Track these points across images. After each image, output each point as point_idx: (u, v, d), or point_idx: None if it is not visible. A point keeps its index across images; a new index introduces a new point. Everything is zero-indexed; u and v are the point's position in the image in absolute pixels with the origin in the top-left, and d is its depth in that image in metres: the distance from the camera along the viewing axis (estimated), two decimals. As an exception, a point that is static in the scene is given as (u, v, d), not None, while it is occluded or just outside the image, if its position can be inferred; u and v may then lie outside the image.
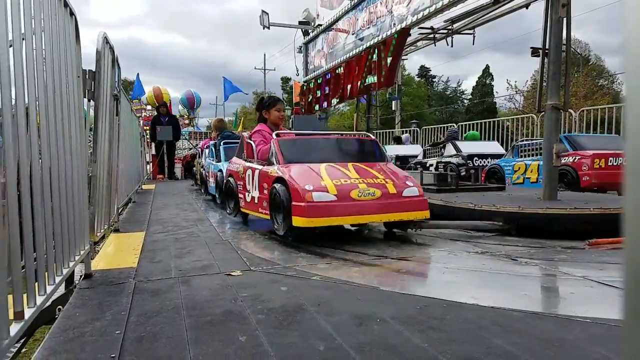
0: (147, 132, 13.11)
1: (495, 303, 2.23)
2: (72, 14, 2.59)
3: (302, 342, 1.77)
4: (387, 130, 18.22)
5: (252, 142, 4.71)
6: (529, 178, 7.86)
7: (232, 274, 2.82)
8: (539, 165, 7.47)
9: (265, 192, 4.14)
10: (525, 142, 8.74)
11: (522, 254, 3.40)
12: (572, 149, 7.45)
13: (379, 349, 1.70)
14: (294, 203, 3.61)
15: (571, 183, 7.20)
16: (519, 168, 8.25)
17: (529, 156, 8.28)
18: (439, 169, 9.10)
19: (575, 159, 7.33)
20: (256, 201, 4.39)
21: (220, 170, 6.44)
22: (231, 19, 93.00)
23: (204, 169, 8.15)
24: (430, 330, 1.89)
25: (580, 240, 3.72)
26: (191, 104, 21.51)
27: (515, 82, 33.38)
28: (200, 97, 23.35)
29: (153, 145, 13.01)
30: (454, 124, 15.43)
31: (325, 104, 9.73)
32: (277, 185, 3.86)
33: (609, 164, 7.14)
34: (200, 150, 9.45)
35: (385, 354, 1.66)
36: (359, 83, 7.84)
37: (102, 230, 3.51)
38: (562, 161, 7.53)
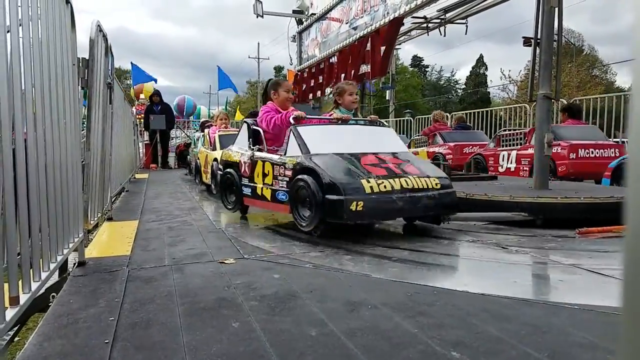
0: (141, 120, 13.03)
1: (485, 290, 2.26)
2: (67, 1, 2.57)
3: (294, 328, 1.79)
4: (382, 120, 18.20)
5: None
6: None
7: (226, 261, 2.84)
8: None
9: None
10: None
11: (512, 243, 3.44)
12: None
13: (369, 334, 1.73)
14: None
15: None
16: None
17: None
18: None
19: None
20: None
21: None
22: (222, 6, 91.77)
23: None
24: (420, 316, 1.93)
25: (571, 229, 3.77)
26: (181, 109, 21.37)
27: (510, 71, 33.39)
28: (194, 104, 23.11)
29: (146, 133, 12.94)
30: (447, 114, 15.45)
31: (319, 93, 9.71)
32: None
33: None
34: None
35: (376, 339, 1.69)
36: (352, 72, 7.83)
37: (95, 219, 3.52)
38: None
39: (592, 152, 7.30)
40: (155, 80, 15.65)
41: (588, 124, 8.92)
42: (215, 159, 6.06)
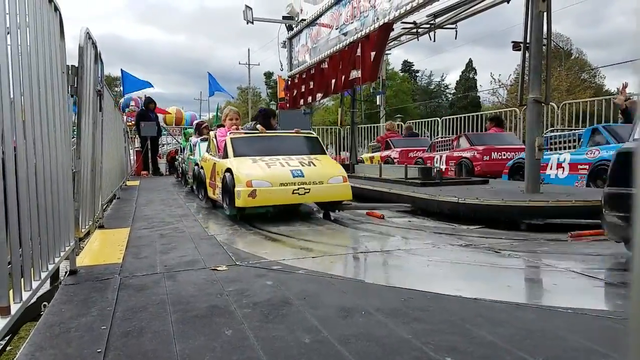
0: (131, 127, 12.96)
1: (478, 295, 2.27)
2: (56, 9, 2.56)
3: (287, 335, 1.78)
4: (372, 125, 18.27)
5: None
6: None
7: (218, 268, 2.82)
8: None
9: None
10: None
11: (505, 247, 3.45)
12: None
13: (364, 341, 1.73)
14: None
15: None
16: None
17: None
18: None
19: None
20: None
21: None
22: (209, 12, 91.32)
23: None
24: (414, 321, 1.93)
25: (563, 233, 3.79)
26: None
27: (499, 75, 33.67)
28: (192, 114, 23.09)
29: (137, 140, 12.86)
30: (438, 118, 15.55)
31: (310, 99, 9.71)
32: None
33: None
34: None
35: (370, 346, 1.69)
36: (343, 78, 7.85)
37: (86, 227, 3.48)
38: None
39: (503, 155, 8.78)
40: (152, 86, 15.39)
41: (509, 132, 10.95)
42: (229, 170, 4.75)
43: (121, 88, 16.17)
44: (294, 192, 4.50)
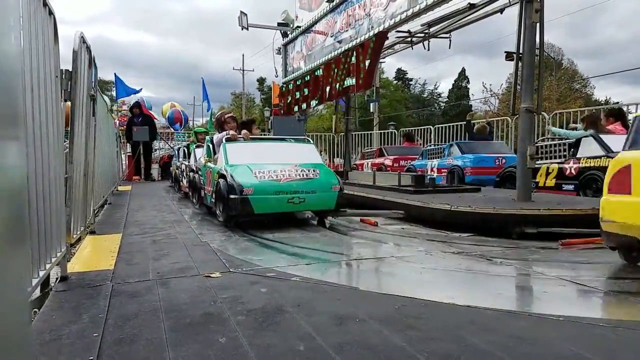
0: (123, 132, 12.91)
1: (471, 302, 2.28)
2: (50, 13, 2.55)
3: (282, 343, 1.78)
4: (366, 132, 18.33)
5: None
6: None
7: (212, 275, 2.81)
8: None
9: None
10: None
11: (497, 254, 3.48)
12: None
13: (358, 349, 1.73)
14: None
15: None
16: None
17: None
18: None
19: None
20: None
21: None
22: (202, 17, 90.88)
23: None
24: (408, 329, 1.93)
25: (554, 241, 3.82)
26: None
27: (490, 84, 33.98)
28: (187, 117, 22.99)
29: (128, 145, 12.81)
30: (431, 126, 15.63)
31: (304, 106, 9.73)
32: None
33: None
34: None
35: (364, 353, 1.69)
36: (337, 85, 7.88)
37: (78, 232, 3.45)
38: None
39: (408, 163, 10.98)
40: (139, 90, 15.40)
41: (418, 145, 13.32)
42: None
43: (114, 92, 16.15)
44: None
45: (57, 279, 2.72)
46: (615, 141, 5.69)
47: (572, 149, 6.52)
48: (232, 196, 4.39)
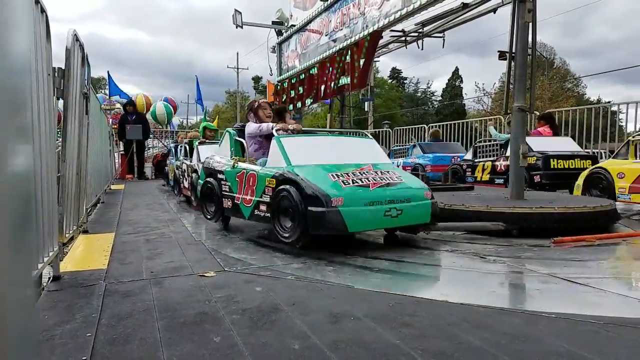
0: (116, 130, 12.86)
1: (464, 300, 2.30)
2: (42, 10, 2.53)
3: (277, 342, 1.78)
4: (360, 131, 18.39)
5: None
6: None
7: (206, 274, 2.81)
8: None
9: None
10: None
11: (490, 252, 3.50)
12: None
13: (353, 346, 1.73)
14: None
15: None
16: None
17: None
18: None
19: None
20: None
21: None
22: (196, 15, 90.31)
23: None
24: (402, 326, 1.94)
25: (546, 239, 3.85)
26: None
27: (483, 84, 34.15)
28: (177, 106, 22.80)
29: (121, 144, 12.75)
30: (425, 125, 15.68)
31: (299, 104, 9.74)
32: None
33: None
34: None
35: (359, 351, 1.70)
36: (332, 84, 7.89)
37: (70, 232, 3.44)
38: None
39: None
40: (129, 99, 15.25)
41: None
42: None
43: (107, 90, 16.07)
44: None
45: (49, 278, 2.70)
46: (536, 142, 7.07)
47: (502, 149, 7.56)
48: (314, 209, 3.30)
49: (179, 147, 8.61)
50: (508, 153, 6.59)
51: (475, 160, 8.19)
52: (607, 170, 5.74)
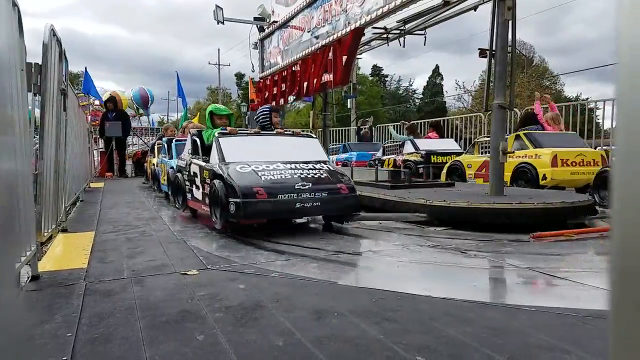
0: (96, 127, 12.63)
1: (446, 294, 2.32)
2: (14, 4, 2.47)
3: (261, 339, 1.78)
4: (344, 128, 18.39)
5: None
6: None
7: (188, 273, 2.78)
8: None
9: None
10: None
11: (471, 247, 3.54)
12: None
13: (337, 342, 1.74)
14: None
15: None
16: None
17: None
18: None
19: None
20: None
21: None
22: (175, 11, 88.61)
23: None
24: (385, 322, 1.95)
25: (525, 234, 3.92)
26: (145, 102, 20.60)
27: (463, 82, 34.45)
28: (153, 94, 22.36)
29: (101, 141, 12.53)
30: (406, 122, 15.79)
31: (281, 101, 9.70)
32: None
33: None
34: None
35: (343, 347, 1.70)
36: (315, 81, 7.88)
37: (49, 230, 3.37)
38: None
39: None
40: (101, 100, 14.90)
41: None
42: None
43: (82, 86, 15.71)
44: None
45: (28, 278, 2.65)
46: (424, 144, 9.96)
47: (400, 148, 10.14)
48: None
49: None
50: (405, 151, 9.95)
51: (382, 157, 10.84)
52: (461, 162, 8.03)
